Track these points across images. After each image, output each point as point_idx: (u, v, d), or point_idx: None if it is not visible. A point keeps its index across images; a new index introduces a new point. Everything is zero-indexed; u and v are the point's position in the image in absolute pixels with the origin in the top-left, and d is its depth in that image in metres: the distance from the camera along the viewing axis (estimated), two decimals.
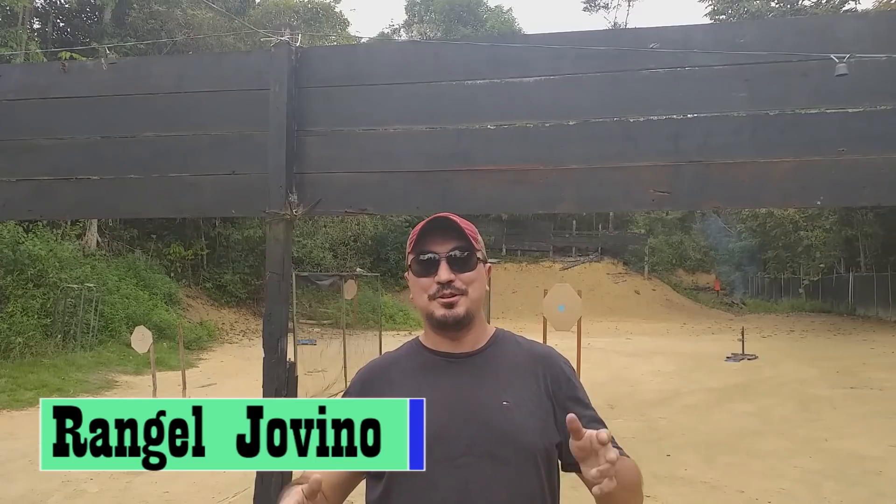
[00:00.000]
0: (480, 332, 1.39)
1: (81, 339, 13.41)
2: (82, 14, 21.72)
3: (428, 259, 1.34)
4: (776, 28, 2.79)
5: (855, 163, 2.53)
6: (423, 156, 2.84)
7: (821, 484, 5.71)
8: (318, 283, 14.44)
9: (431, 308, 1.33)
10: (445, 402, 1.29)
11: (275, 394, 2.78)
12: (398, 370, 1.39)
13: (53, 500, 5.47)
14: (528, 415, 1.30)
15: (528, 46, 2.82)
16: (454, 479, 1.25)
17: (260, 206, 2.93)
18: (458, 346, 1.36)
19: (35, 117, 3.21)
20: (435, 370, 1.35)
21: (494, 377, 1.34)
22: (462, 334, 1.36)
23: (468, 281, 1.33)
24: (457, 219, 1.35)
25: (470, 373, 1.34)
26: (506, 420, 1.28)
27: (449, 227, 1.34)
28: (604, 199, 2.81)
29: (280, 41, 2.93)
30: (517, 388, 1.33)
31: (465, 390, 1.31)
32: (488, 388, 1.31)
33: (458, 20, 41.91)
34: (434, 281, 1.32)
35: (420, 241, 1.35)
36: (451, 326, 1.33)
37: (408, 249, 1.39)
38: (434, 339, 1.38)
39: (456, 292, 1.31)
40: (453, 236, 1.34)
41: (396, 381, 1.36)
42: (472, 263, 1.35)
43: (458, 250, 1.34)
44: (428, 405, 1.26)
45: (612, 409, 8.92)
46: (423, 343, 1.42)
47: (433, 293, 1.32)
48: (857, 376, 11.54)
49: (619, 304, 29.78)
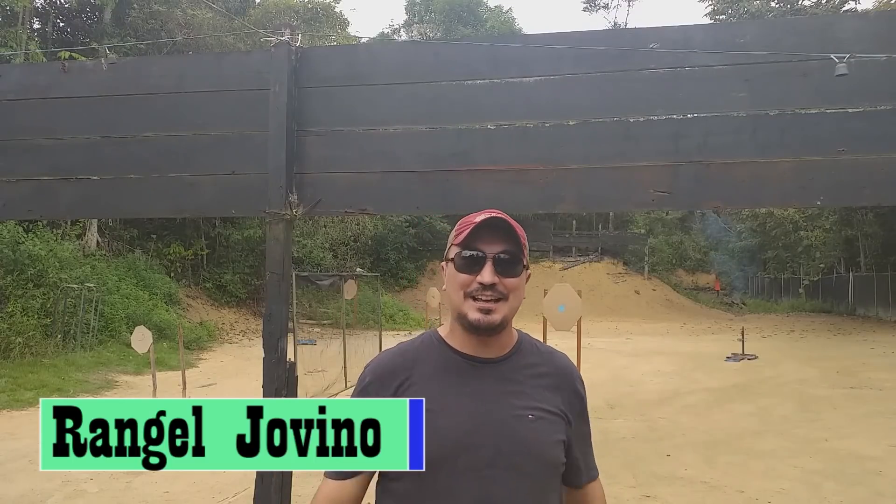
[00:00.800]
0: (508, 337, 1.35)
1: (81, 339, 13.41)
2: (82, 14, 21.72)
3: (474, 256, 1.27)
4: (776, 28, 2.78)
5: (855, 163, 2.53)
6: (424, 156, 2.84)
7: (821, 484, 5.71)
8: (318, 283, 14.44)
9: (465, 309, 1.28)
10: (471, 409, 1.26)
11: (275, 394, 2.78)
12: (418, 369, 1.32)
13: (53, 500, 5.47)
14: (552, 430, 1.29)
15: (528, 46, 2.82)
16: (477, 489, 1.22)
17: (260, 206, 2.93)
18: (485, 351, 1.32)
19: (35, 117, 3.21)
20: (460, 373, 1.30)
21: (520, 387, 1.31)
22: (492, 339, 1.31)
23: (511, 287, 1.28)
24: (511, 221, 1.30)
25: (496, 380, 1.31)
26: (533, 433, 1.27)
27: (502, 227, 1.29)
28: (604, 199, 2.81)
29: (280, 41, 2.93)
30: (541, 400, 1.31)
31: (492, 399, 1.28)
32: (515, 399, 1.28)
33: (458, 20, 41.94)
34: (476, 280, 1.26)
35: (470, 235, 1.28)
36: (484, 332, 1.28)
37: (452, 240, 1.33)
38: (461, 338, 1.33)
39: (497, 296, 1.27)
40: (504, 238, 1.29)
41: (417, 382, 1.30)
42: (518, 269, 1.30)
43: (507, 253, 1.28)
44: (453, 411, 1.25)
45: (612, 409, 8.92)
46: (445, 340, 1.35)
47: (472, 291, 1.27)
48: (857, 376, 11.54)
49: (619, 304, 29.78)
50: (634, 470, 6.11)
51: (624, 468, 6.14)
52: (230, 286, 20.85)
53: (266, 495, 2.72)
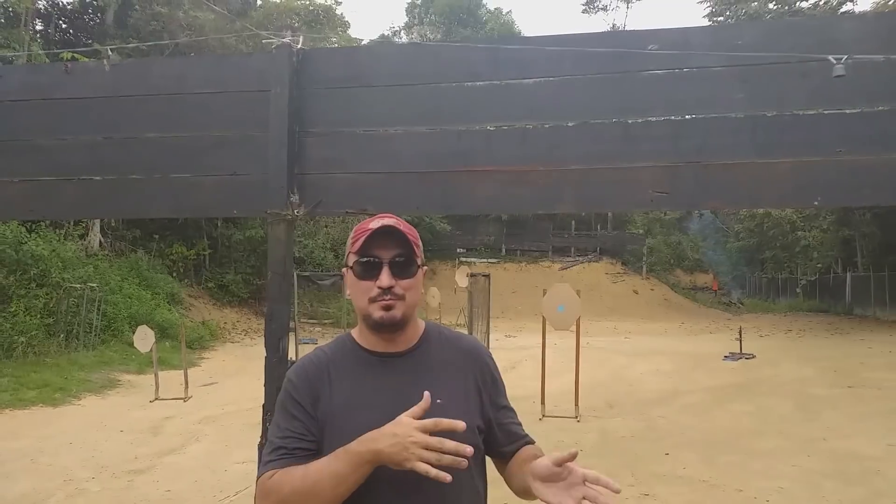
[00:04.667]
0: (413, 331, 1.46)
1: (84, 339, 13.42)
2: (84, 15, 21.73)
3: (370, 262, 1.39)
4: (774, 29, 2.81)
5: (853, 163, 2.55)
6: (424, 156, 2.87)
7: (819, 483, 5.72)
8: (320, 283, 14.49)
9: (370, 310, 1.38)
10: (386, 402, 1.34)
11: (276, 393, 2.80)
12: (335, 369, 1.42)
13: (55, 499, 5.49)
14: (462, 412, 1.35)
15: (527, 48, 2.84)
16: (396, 476, 1.26)
17: (261, 206, 2.95)
18: (392, 346, 1.43)
19: (38, 118, 3.23)
20: (372, 370, 1.41)
21: (428, 375, 1.41)
22: (397, 335, 1.42)
23: (407, 287, 1.39)
24: (401, 225, 1.41)
25: (405, 372, 1.41)
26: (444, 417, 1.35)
27: (394, 233, 1.39)
28: (603, 200, 2.83)
29: (281, 43, 2.96)
30: (449, 386, 1.41)
31: (403, 390, 1.36)
32: (426, 387, 1.34)
33: (458, 22, 41.97)
34: (375, 285, 1.37)
35: (366, 243, 1.39)
36: (388, 328, 1.39)
37: (349, 248, 1.43)
38: (370, 339, 1.44)
39: (395, 297, 1.37)
40: (396, 243, 1.40)
41: (334, 382, 1.40)
42: (413, 270, 1.41)
43: (401, 256, 1.39)
44: (370, 405, 1.35)
45: (611, 409, 8.94)
46: (357, 341, 1.46)
47: (373, 296, 1.37)
48: (855, 376, 11.55)
49: (618, 304, 29.76)
50: (633, 469, 6.13)
51: (623, 467, 6.15)
52: (232, 286, 20.85)
53: None
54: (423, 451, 1.18)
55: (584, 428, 7.86)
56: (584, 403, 8.68)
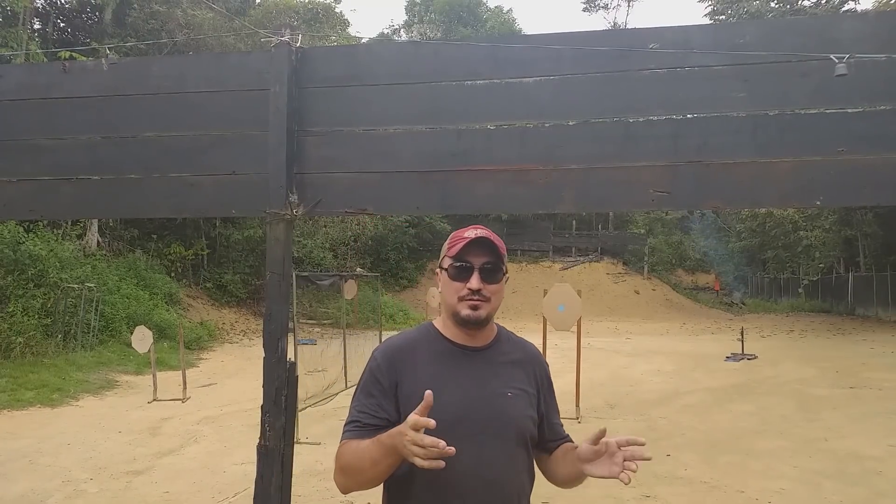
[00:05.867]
0: (490, 331, 1.68)
1: (82, 339, 13.41)
2: (83, 14, 21.72)
3: (463, 267, 1.59)
4: (776, 28, 2.78)
5: (854, 163, 2.53)
6: (424, 156, 2.85)
7: (820, 484, 5.71)
8: (319, 283, 14.44)
9: (459, 308, 1.59)
10: (465, 387, 1.57)
11: (275, 393, 2.78)
12: (421, 354, 1.61)
13: (53, 499, 5.47)
14: (525, 405, 1.63)
15: (528, 47, 2.82)
16: (472, 453, 1.50)
17: (260, 206, 2.93)
18: (473, 341, 1.64)
19: (35, 117, 3.21)
20: (454, 359, 1.61)
21: (501, 370, 1.64)
22: (479, 332, 1.64)
23: (493, 291, 1.60)
24: (493, 237, 1.61)
25: (482, 365, 1.62)
26: (511, 408, 1.60)
27: (486, 244, 1.60)
28: (604, 199, 2.81)
29: (280, 41, 2.94)
30: (517, 381, 1.65)
31: (480, 380, 1.60)
32: (497, 380, 1.61)
33: (458, 20, 41.95)
34: (466, 286, 1.58)
35: (462, 250, 1.59)
36: (473, 325, 1.60)
37: (446, 252, 1.64)
38: (453, 331, 1.64)
39: (482, 299, 1.58)
40: (487, 252, 1.60)
41: (420, 365, 1.59)
42: (499, 277, 1.62)
43: (490, 264, 1.60)
44: (451, 389, 1.55)
45: (612, 409, 8.92)
46: (440, 331, 1.66)
47: (463, 295, 1.58)
48: (857, 376, 11.54)
49: (619, 304, 29.77)
50: None
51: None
52: (230, 286, 20.84)
53: (266, 495, 2.73)
54: (413, 447, 1.31)
55: (585, 429, 7.84)
56: (585, 404, 8.67)
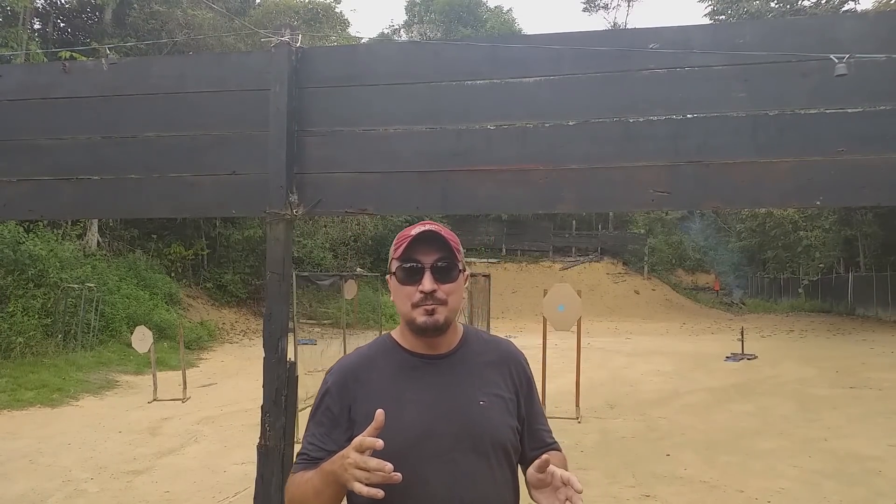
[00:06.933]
0: (453, 334, 1.48)
1: (82, 339, 13.40)
2: (83, 14, 21.71)
3: (412, 268, 1.40)
4: (776, 28, 2.79)
5: (854, 163, 2.54)
6: (424, 156, 2.85)
7: (820, 483, 5.71)
8: (319, 283, 14.44)
9: (413, 315, 1.40)
10: (429, 402, 1.39)
11: (275, 393, 2.78)
12: (377, 370, 1.44)
13: (53, 499, 5.47)
14: (501, 412, 1.43)
15: (527, 47, 2.82)
16: (444, 473, 1.34)
17: (260, 206, 2.93)
18: (434, 349, 1.45)
19: (36, 117, 3.21)
20: (415, 371, 1.43)
21: (469, 377, 1.44)
22: (439, 338, 1.44)
23: (449, 291, 1.41)
24: (442, 231, 1.42)
25: (447, 373, 1.44)
26: (484, 418, 1.40)
27: (435, 238, 1.41)
28: (604, 199, 2.82)
29: (280, 41, 2.94)
30: (491, 386, 1.45)
31: (445, 391, 1.41)
32: (465, 388, 1.42)
33: (458, 20, 41.94)
34: (417, 290, 1.39)
35: (407, 249, 1.40)
36: (431, 332, 1.40)
37: (392, 255, 1.45)
38: (412, 341, 1.46)
39: (437, 302, 1.39)
40: (438, 248, 1.41)
41: (376, 382, 1.42)
42: (454, 275, 1.42)
43: (442, 261, 1.41)
44: (413, 405, 1.38)
45: (612, 409, 8.92)
46: (398, 342, 1.48)
47: (416, 301, 1.39)
48: (857, 376, 11.54)
49: (619, 304, 29.78)
50: (634, 469, 6.11)
51: (623, 468, 6.14)
52: (230, 286, 20.82)
53: (266, 495, 2.73)
54: (355, 471, 1.19)
55: (585, 428, 7.84)
56: (585, 404, 8.67)
